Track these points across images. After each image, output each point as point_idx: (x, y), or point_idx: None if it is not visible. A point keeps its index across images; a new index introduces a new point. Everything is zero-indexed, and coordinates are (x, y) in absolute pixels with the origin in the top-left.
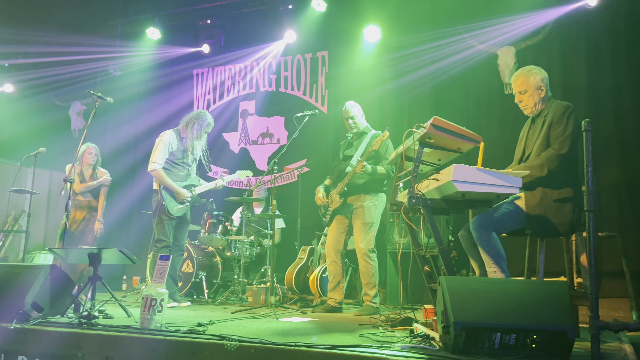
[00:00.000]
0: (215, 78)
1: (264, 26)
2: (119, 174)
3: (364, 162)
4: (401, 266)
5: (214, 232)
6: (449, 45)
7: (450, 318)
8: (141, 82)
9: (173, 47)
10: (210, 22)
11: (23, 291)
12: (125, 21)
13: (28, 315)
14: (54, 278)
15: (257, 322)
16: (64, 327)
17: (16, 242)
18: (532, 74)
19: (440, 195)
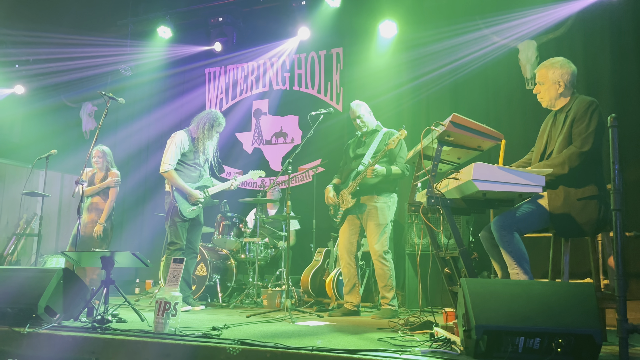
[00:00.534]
0: (228, 77)
1: (277, 23)
2: (131, 175)
3: (373, 167)
4: (420, 268)
5: (227, 234)
6: (468, 40)
7: (472, 321)
8: (153, 81)
9: (184, 45)
10: (222, 19)
11: (36, 295)
12: (136, 20)
13: (41, 319)
14: (67, 282)
15: (273, 326)
16: (77, 331)
17: (28, 246)
18: (553, 68)
19: (460, 195)
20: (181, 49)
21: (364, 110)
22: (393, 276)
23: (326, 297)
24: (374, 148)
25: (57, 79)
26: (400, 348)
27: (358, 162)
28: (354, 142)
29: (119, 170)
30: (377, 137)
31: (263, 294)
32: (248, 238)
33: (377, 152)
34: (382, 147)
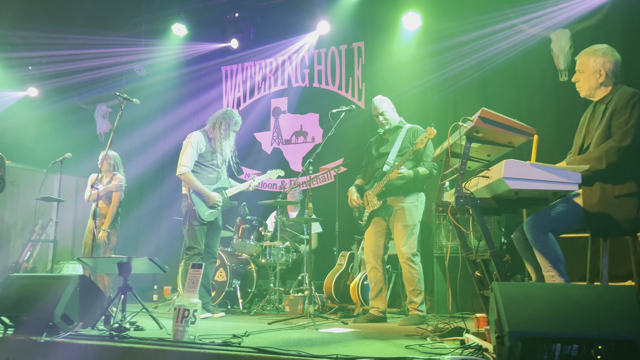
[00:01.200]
0: (245, 74)
1: (296, 17)
2: (147, 178)
3: (399, 169)
4: (449, 272)
5: (247, 238)
6: (497, 31)
7: (505, 327)
8: (168, 81)
9: (200, 43)
10: (238, 15)
11: (52, 303)
12: (150, 18)
13: (58, 328)
14: (84, 289)
15: (296, 333)
16: (94, 340)
17: (44, 252)
18: (595, 56)
19: (491, 194)
20: (196, 47)
21: (386, 107)
22: (422, 280)
23: (351, 303)
24: (398, 146)
25: (70, 80)
26: (429, 356)
27: (382, 162)
28: (376, 140)
29: (134, 173)
30: (401, 134)
31: (285, 300)
32: (268, 242)
33: (402, 151)
34: (406, 144)
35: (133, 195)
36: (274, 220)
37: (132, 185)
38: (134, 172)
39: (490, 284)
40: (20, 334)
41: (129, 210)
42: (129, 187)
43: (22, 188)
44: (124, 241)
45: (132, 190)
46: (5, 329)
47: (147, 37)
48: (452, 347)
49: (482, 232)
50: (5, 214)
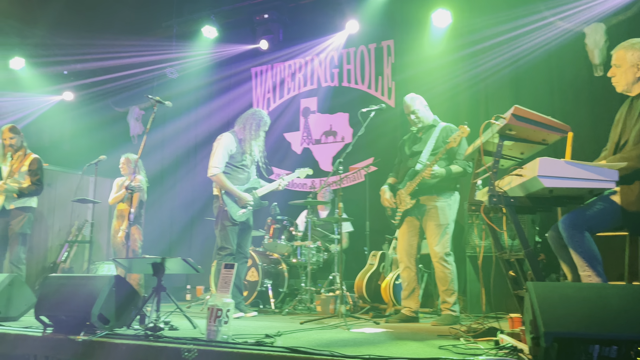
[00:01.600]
0: (275, 75)
1: (324, 17)
2: (179, 179)
3: (432, 168)
4: (482, 271)
5: (278, 238)
6: (529, 25)
7: (541, 328)
8: (199, 83)
9: (230, 45)
10: (267, 16)
11: (89, 303)
12: (181, 21)
13: (95, 327)
14: (119, 289)
15: (328, 333)
16: (130, 339)
17: (80, 253)
18: (633, 49)
19: (525, 193)
20: (227, 49)
21: (419, 105)
22: (455, 280)
23: (382, 303)
24: (431, 145)
25: (104, 83)
26: (463, 357)
27: (415, 160)
28: (409, 138)
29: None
30: (434, 132)
31: (316, 300)
32: (299, 241)
33: (435, 149)
34: (440, 143)
35: (166, 196)
36: (304, 220)
37: (165, 186)
38: (166, 174)
39: (525, 283)
40: (58, 332)
41: (161, 212)
42: (163, 189)
43: (58, 190)
44: (156, 242)
45: (165, 192)
46: (45, 328)
47: (178, 40)
48: (486, 348)
49: (516, 231)
50: (43, 216)
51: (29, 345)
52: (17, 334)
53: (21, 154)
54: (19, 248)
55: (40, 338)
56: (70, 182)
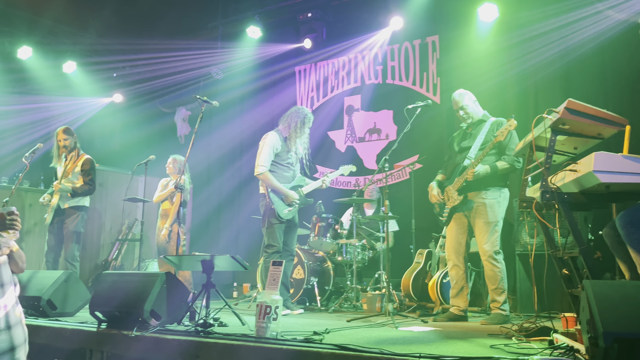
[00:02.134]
0: (318, 74)
1: (368, 14)
2: (226, 178)
3: (474, 169)
4: (534, 269)
5: (323, 236)
6: (580, 17)
7: (599, 328)
8: (244, 83)
9: (274, 44)
10: (311, 15)
11: (141, 299)
12: (226, 22)
13: (147, 323)
14: (170, 286)
15: (375, 331)
16: (182, 335)
17: (130, 251)
18: None
19: (579, 189)
20: (271, 48)
21: (468, 100)
22: (505, 278)
23: (429, 301)
24: (480, 140)
25: (152, 85)
26: (516, 356)
27: (464, 156)
28: (459, 134)
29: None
30: (484, 127)
31: (362, 298)
32: (344, 239)
33: (484, 145)
34: (489, 138)
35: (212, 195)
36: (349, 217)
37: (212, 186)
38: (213, 173)
39: (580, 282)
40: (112, 328)
41: (208, 210)
42: (210, 188)
43: (110, 190)
44: (203, 240)
45: (212, 191)
46: (99, 323)
47: (223, 40)
48: (540, 348)
49: (570, 228)
50: (95, 215)
51: (84, 340)
52: (73, 329)
53: (74, 154)
54: (73, 246)
55: (95, 333)
56: (121, 182)
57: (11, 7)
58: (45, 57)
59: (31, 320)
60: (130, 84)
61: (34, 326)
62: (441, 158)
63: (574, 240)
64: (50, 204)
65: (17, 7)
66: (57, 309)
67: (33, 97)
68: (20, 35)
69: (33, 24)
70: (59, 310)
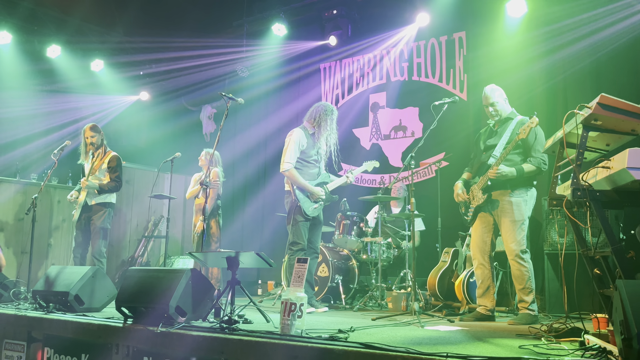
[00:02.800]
0: (343, 71)
1: (393, 11)
2: (250, 176)
3: (497, 167)
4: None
5: (348, 234)
6: (611, 11)
7: (633, 329)
8: (268, 80)
9: (299, 42)
10: (336, 12)
11: (167, 295)
12: (251, 20)
13: (173, 319)
14: (195, 282)
15: (401, 330)
16: (207, 331)
17: (156, 247)
18: None
19: (612, 186)
20: (296, 46)
21: (498, 97)
22: (532, 278)
23: (456, 301)
24: (506, 138)
25: (178, 83)
26: (546, 357)
27: (489, 155)
28: (485, 132)
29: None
30: (510, 125)
31: (387, 297)
32: (369, 237)
33: (509, 143)
34: (514, 137)
35: (237, 193)
36: (374, 215)
37: (237, 183)
38: (238, 170)
39: (613, 282)
40: (138, 324)
41: (234, 208)
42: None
43: (136, 187)
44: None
45: (237, 188)
46: (125, 319)
47: (248, 38)
48: (571, 349)
49: (602, 227)
50: (122, 211)
51: (111, 335)
52: (100, 324)
53: (101, 151)
54: (100, 242)
55: (122, 328)
56: (147, 179)
57: (40, 6)
58: (74, 55)
59: (59, 315)
60: (157, 82)
61: (61, 321)
62: (468, 156)
63: (606, 239)
64: (78, 200)
65: (46, 7)
66: (84, 304)
67: (62, 95)
68: (49, 34)
69: (61, 23)
70: (86, 306)
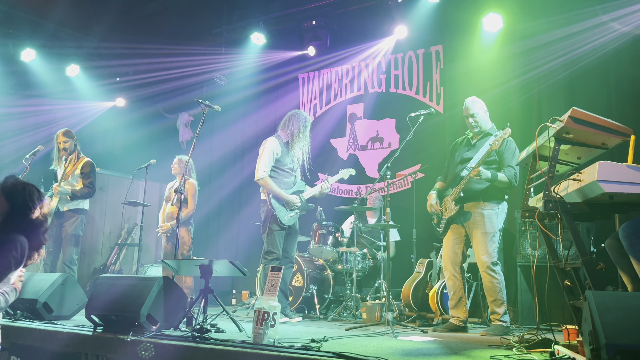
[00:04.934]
0: (322, 81)
1: (372, 23)
2: (226, 183)
3: (479, 168)
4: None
5: (324, 244)
6: (584, 29)
7: (602, 339)
8: (247, 89)
9: (278, 51)
10: (315, 23)
11: (138, 303)
12: (230, 28)
13: (143, 327)
14: (167, 290)
15: (374, 340)
16: (177, 340)
17: (129, 255)
18: None
19: (583, 198)
20: (274, 55)
21: (479, 109)
22: (503, 289)
23: (429, 312)
24: (482, 153)
25: (155, 89)
26: None
27: (464, 167)
28: (462, 142)
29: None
30: (489, 141)
31: (362, 307)
32: (345, 248)
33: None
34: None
35: (212, 201)
36: (350, 225)
37: (212, 191)
38: (213, 178)
39: (582, 293)
40: (108, 332)
41: (209, 216)
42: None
43: (110, 194)
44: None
45: (212, 197)
46: (95, 327)
47: (227, 46)
48: (541, 359)
49: (572, 239)
50: (95, 218)
51: (80, 344)
52: (69, 332)
53: (74, 157)
54: (71, 249)
55: (91, 337)
56: (122, 186)
57: (15, 9)
58: (49, 60)
59: (26, 322)
60: (133, 88)
61: (29, 329)
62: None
63: (577, 251)
64: (50, 206)
65: (20, 10)
66: (53, 312)
67: (35, 99)
68: (23, 38)
69: (37, 27)
70: (55, 314)
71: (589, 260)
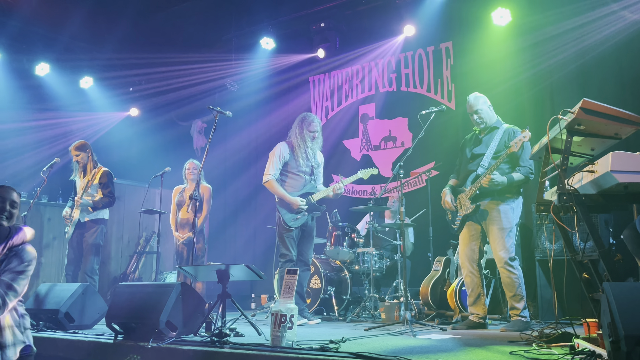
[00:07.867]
0: (332, 83)
1: (381, 22)
2: (241, 188)
3: (491, 176)
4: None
5: (340, 245)
6: (595, 18)
7: (621, 331)
8: (258, 93)
9: (288, 55)
10: (324, 25)
11: (157, 310)
12: (240, 34)
13: (163, 334)
14: (185, 296)
15: (393, 340)
16: (197, 345)
17: (148, 263)
18: None
19: (597, 190)
20: (284, 59)
21: (482, 104)
22: (522, 285)
23: (448, 309)
24: (493, 148)
25: (167, 98)
26: None
27: (477, 164)
28: (470, 138)
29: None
30: (497, 134)
31: (380, 307)
32: (361, 248)
33: (497, 153)
34: (502, 147)
35: (228, 206)
36: (366, 225)
37: (227, 196)
38: (228, 183)
39: (601, 285)
40: (129, 339)
41: (226, 221)
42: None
43: (127, 203)
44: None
45: (227, 202)
46: (116, 335)
47: (237, 52)
48: (561, 353)
49: (588, 231)
50: (113, 227)
51: (101, 352)
52: (90, 341)
53: (91, 167)
54: (92, 259)
55: (112, 345)
56: (138, 195)
57: (29, 25)
58: (63, 73)
59: (49, 333)
60: (146, 98)
61: (51, 339)
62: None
63: (594, 243)
64: (72, 217)
65: (34, 25)
66: (74, 321)
67: (51, 112)
68: (37, 53)
69: (50, 42)
70: (77, 323)
71: (606, 251)
